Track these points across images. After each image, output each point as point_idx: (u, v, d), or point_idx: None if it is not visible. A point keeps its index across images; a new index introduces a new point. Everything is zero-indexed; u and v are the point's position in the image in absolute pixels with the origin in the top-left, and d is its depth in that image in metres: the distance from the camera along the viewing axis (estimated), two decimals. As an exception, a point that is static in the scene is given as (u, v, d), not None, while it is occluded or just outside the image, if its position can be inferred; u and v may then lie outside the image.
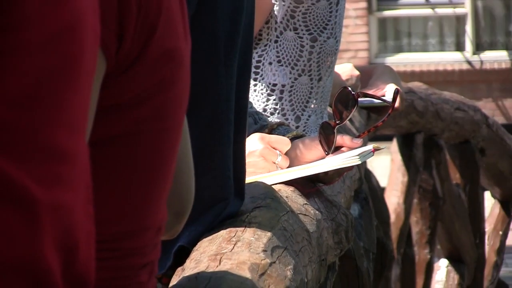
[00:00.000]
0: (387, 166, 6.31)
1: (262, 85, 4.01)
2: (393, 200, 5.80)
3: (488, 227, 7.05)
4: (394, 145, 6.07)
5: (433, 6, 17.03)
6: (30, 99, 1.65)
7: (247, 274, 2.39)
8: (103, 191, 2.04)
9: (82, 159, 1.69)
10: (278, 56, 3.94)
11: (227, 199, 2.68)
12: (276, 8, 3.92)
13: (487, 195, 7.15)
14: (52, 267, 1.67)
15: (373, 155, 3.43)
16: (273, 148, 3.28)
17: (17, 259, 1.65)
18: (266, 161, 3.25)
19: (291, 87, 3.99)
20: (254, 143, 3.23)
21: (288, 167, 3.40)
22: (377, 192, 5.07)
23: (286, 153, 3.35)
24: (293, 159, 3.33)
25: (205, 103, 2.61)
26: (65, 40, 1.67)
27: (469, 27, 17.03)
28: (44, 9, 1.63)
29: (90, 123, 1.87)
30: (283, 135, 3.47)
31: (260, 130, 3.44)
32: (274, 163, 3.31)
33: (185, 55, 2.13)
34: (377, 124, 4.45)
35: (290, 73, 4.02)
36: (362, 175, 4.46)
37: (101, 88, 2.03)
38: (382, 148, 4.40)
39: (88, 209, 1.79)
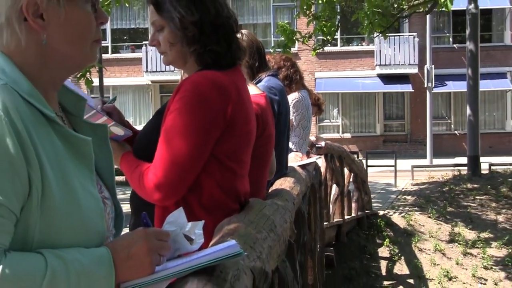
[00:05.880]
0: (321, 162, 5.11)
1: (290, 143, 2.90)
2: (322, 169, 4.67)
3: (346, 176, 5.82)
4: (323, 157, 4.91)
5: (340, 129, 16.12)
6: (237, 151, 1.38)
7: (288, 189, 2.46)
8: (253, 171, 1.80)
9: (248, 163, 1.55)
10: (294, 136, 2.81)
11: (282, 171, 1.76)
12: (294, 123, 2.80)
13: (345, 169, 5.91)
14: (242, 192, 1.45)
15: (320, 159, 2.31)
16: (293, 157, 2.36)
17: (230, 190, 1.34)
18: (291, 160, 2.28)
19: (297, 144, 2.86)
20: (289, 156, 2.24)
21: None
22: (319, 168, 4.00)
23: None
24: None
25: (278, 146, 1.63)
26: (248, 134, 1.42)
27: (340, 129, 15.48)
28: (244, 124, 1.40)
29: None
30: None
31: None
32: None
33: (273, 133, 2.05)
34: (320, 153, 3.33)
35: (298, 139, 2.87)
36: (316, 164, 3.41)
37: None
38: (321, 157, 3.12)
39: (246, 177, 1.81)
